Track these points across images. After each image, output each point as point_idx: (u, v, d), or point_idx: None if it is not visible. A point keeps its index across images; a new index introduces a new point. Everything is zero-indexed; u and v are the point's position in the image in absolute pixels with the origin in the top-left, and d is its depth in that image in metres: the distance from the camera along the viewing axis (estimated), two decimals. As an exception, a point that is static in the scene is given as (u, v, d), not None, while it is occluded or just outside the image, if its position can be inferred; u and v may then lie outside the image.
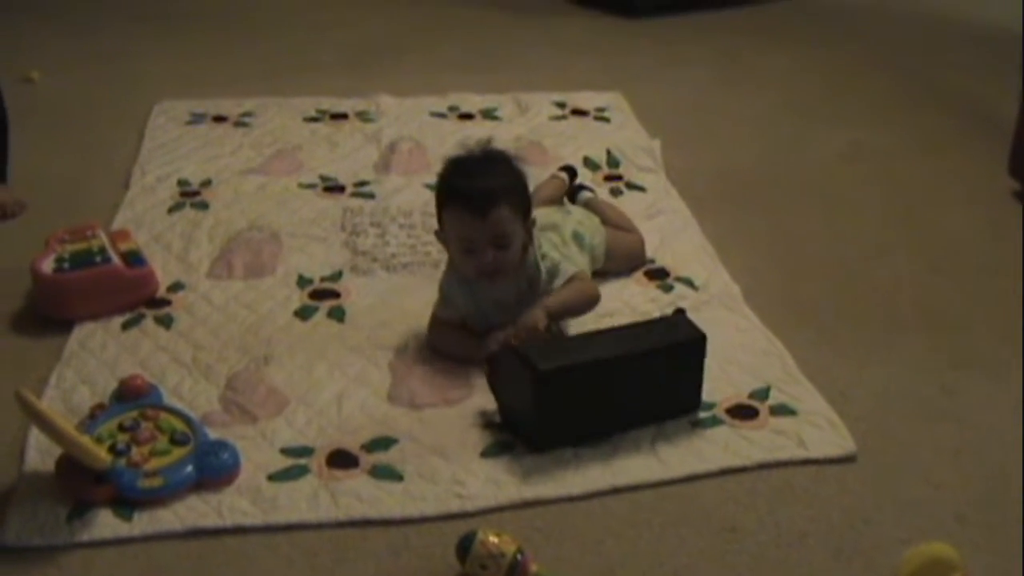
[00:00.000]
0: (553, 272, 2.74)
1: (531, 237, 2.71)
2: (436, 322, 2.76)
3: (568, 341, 2.61)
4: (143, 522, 2.16)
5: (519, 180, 2.70)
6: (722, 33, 5.54)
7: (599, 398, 2.40)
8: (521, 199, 2.68)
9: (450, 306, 2.74)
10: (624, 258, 3.07)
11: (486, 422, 2.48)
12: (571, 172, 3.38)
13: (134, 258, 2.92)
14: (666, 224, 3.37)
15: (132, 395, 2.41)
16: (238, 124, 4.10)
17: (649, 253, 3.15)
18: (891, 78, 4.89)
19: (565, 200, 3.27)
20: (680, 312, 2.70)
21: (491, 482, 2.29)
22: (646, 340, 2.46)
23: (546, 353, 2.37)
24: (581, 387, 2.37)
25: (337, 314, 2.88)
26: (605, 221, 3.07)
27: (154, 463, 2.23)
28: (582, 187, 3.33)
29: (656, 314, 2.87)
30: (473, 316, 2.74)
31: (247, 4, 5.84)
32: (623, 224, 3.16)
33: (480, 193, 2.59)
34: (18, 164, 3.54)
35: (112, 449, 2.24)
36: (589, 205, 3.18)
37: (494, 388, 2.49)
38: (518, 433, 2.42)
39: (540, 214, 2.84)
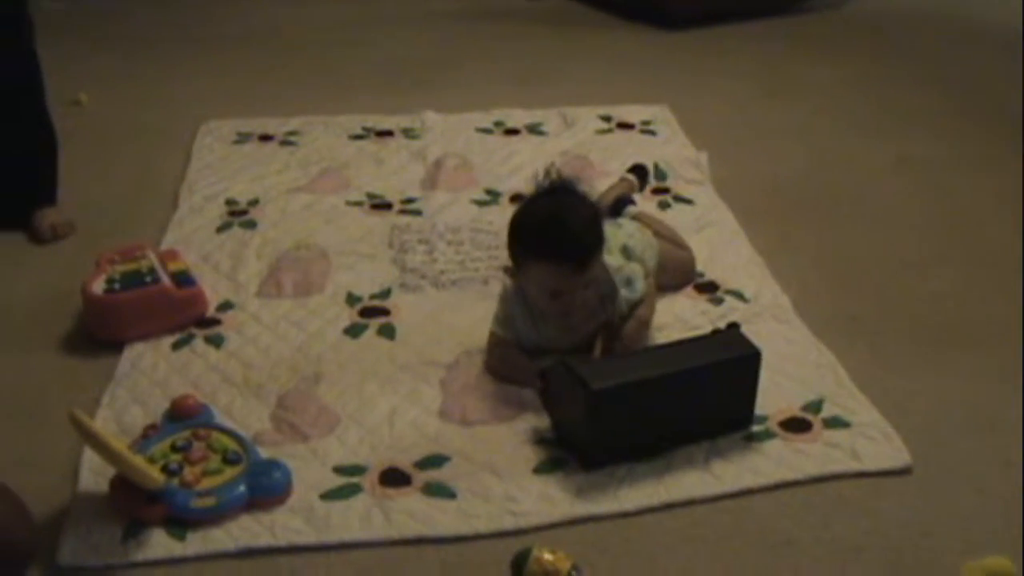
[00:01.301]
0: (627, 280, 2.74)
1: None
2: (496, 342, 2.75)
3: (620, 358, 2.58)
4: (196, 542, 2.16)
5: (598, 219, 2.65)
6: (764, 43, 5.53)
7: (651, 415, 2.39)
8: (601, 238, 2.65)
9: (511, 328, 2.73)
10: (675, 272, 3.05)
11: (538, 438, 2.47)
12: (640, 173, 3.37)
13: (183, 278, 2.93)
14: (715, 236, 3.36)
15: (184, 415, 2.42)
16: (284, 143, 4.10)
17: (699, 266, 3.14)
18: (937, 90, 4.86)
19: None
20: (734, 326, 2.68)
21: (544, 499, 2.28)
22: (700, 356, 2.44)
23: (599, 371, 2.35)
24: (634, 405, 2.35)
25: (387, 332, 2.88)
26: (656, 235, 3.04)
27: (207, 483, 2.24)
28: (628, 200, 3.29)
29: (707, 327, 2.86)
30: (532, 338, 2.73)
31: (290, 24, 5.86)
32: (675, 239, 3.13)
33: (576, 250, 2.56)
34: (68, 186, 3.56)
35: (165, 469, 2.24)
36: (637, 219, 3.15)
37: (547, 404, 2.48)
38: (570, 448, 2.41)
39: None
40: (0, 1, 3.19)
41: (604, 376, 2.33)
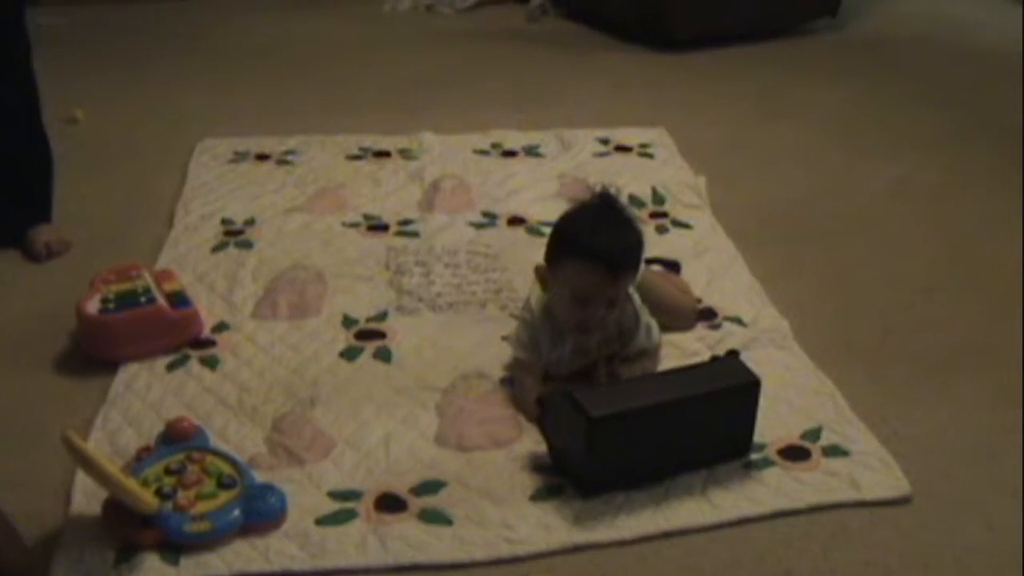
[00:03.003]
0: (648, 327, 2.75)
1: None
2: (519, 366, 2.74)
3: (620, 386, 2.56)
4: (190, 567, 2.14)
5: (642, 244, 2.66)
6: (763, 67, 5.52)
7: (650, 443, 2.37)
8: (638, 261, 2.67)
9: (535, 351, 2.71)
10: (669, 314, 2.95)
11: (536, 465, 2.45)
12: (674, 268, 3.28)
13: (179, 299, 2.91)
14: (713, 262, 3.35)
15: (178, 437, 2.40)
16: (281, 162, 4.09)
17: (697, 292, 3.12)
18: (938, 112, 4.86)
19: None
20: (734, 354, 2.66)
21: (541, 526, 2.26)
22: (699, 384, 2.42)
23: (598, 399, 2.33)
24: (633, 433, 2.33)
25: (383, 355, 2.86)
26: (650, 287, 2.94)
27: (201, 507, 2.21)
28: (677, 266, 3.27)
29: (705, 353, 2.84)
30: (551, 359, 2.72)
31: (288, 42, 5.85)
32: (683, 287, 3.11)
33: (615, 255, 2.56)
34: (62, 203, 3.55)
35: (159, 492, 2.22)
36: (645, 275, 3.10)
37: (544, 430, 2.46)
38: (568, 476, 2.39)
39: None
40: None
41: (603, 404, 2.30)
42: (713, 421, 2.44)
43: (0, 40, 3.20)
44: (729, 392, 2.45)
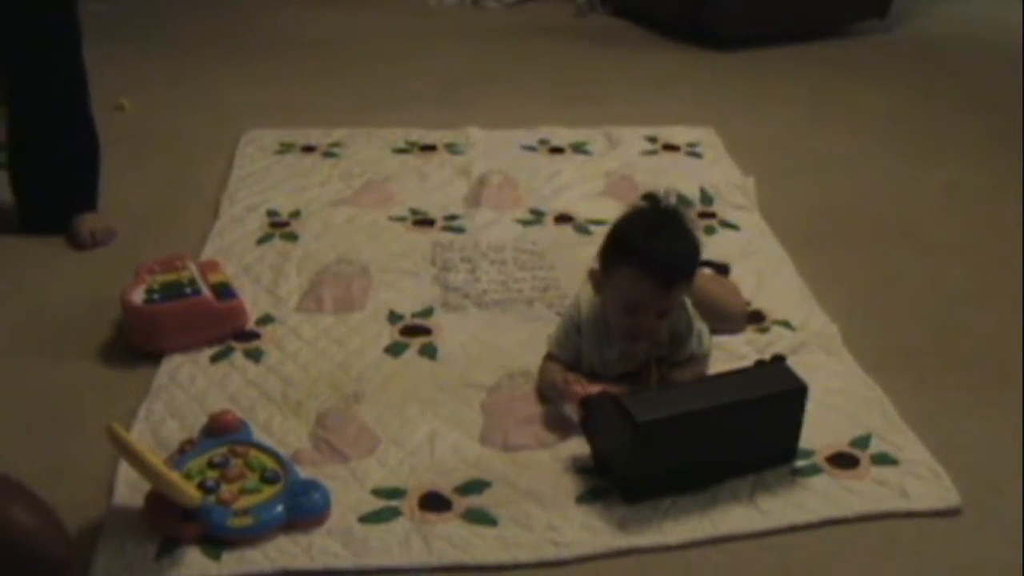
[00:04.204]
0: (699, 334, 2.71)
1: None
2: (547, 359, 2.72)
3: (665, 391, 2.51)
4: (232, 562, 2.13)
5: (698, 254, 2.62)
6: (812, 67, 5.48)
7: (696, 449, 2.34)
8: (693, 273, 2.62)
9: (568, 350, 2.69)
10: (719, 317, 2.92)
11: (581, 466, 2.42)
12: (723, 271, 3.22)
13: (224, 290, 2.90)
14: (761, 264, 3.32)
15: (222, 430, 2.39)
16: (327, 154, 4.08)
17: (745, 294, 3.09)
18: (988, 117, 4.81)
19: None
20: (780, 359, 2.62)
21: (587, 529, 2.24)
22: (746, 390, 2.39)
23: (644, 403, 2.30)
24: (678, 438, 2.30)
25: (429, 352, 2.85)
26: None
27: (244, 501, 2.20)
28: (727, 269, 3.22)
29: (752, 357, 2.82)
30: (594, 360, 2.69)
31: (334, 34, 5.84)
32: (727, 288, 3.07)
33: (669, 267, 2.52)
34: (108, 192, 3.54)
35: (201, 486, 2.21)
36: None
37: (588, 434, 2.44)
38: (611, 480, 2.37)
39: None
40: (52, 7, 3.19)
41: (649, 409, 2.27)
42: (759, 427, 2.41)
43: (51, 28, 3.21)
44: (776, 398, 2.42)
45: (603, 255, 2.62)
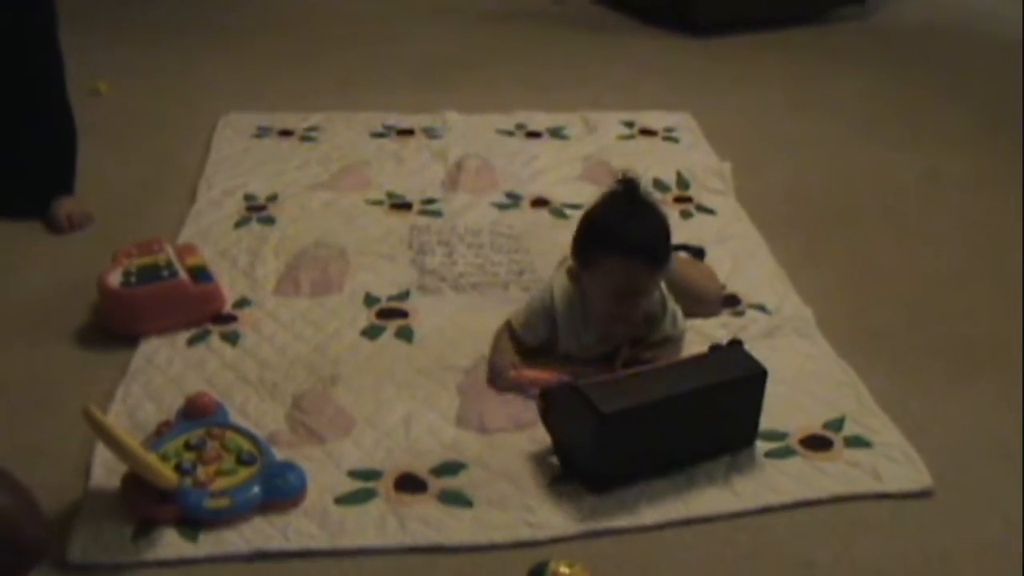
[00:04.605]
0: (674, 315, 2.74)
1: None
2: (505, 332, 2.76)
3: (625, 380, 2.45)
4: (209, 543, 2.14)
5: (669, 228, 2.65)
6: (790, 53, 5.49)
7: (659, 437, 2.34)
8: (671, 247, 2.67)
9: (529, 333, 2.73)
10: (695, 300, 2.93)
11: (556, 449, 2.44)
12: (698, 254, 3.23)
13: (201, 273, 2.90)
14: (737, 248, 3.33)
15: (199, 413, 2.39)
16: (304, 138, 4.08)
17: (721, 278, 3.10)
18: (964, 103, 4.82)
19: None
20: (737, 343, 2.60)
21: (562, 511, 2.25)
22: (707, 376, 2.39)
23: (606, 393, 2.28)
24: (642, 427, 2.30)
25: (405, 334, 2.85)
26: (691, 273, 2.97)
27: (221, 483, 2.21)
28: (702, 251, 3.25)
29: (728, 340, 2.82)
30: (571, 346, 2.72)
31: (312, 18, 5.83)
32: (702, 272, 3.08)
33: (655, 249, 2.58)
34: (85, 176, 3.54)
35: (178, 468, 2.22)
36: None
37: (549, 427, 2.43)
38: (575, 472, 2.36)
39: None
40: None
41: (612, 399, 2.26)
42: (721, 413, 2.42)
43: (26, 10, 3.20)
44: (738, 383, 2.42)
45: (582, 248, 2.63)
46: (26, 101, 3.32)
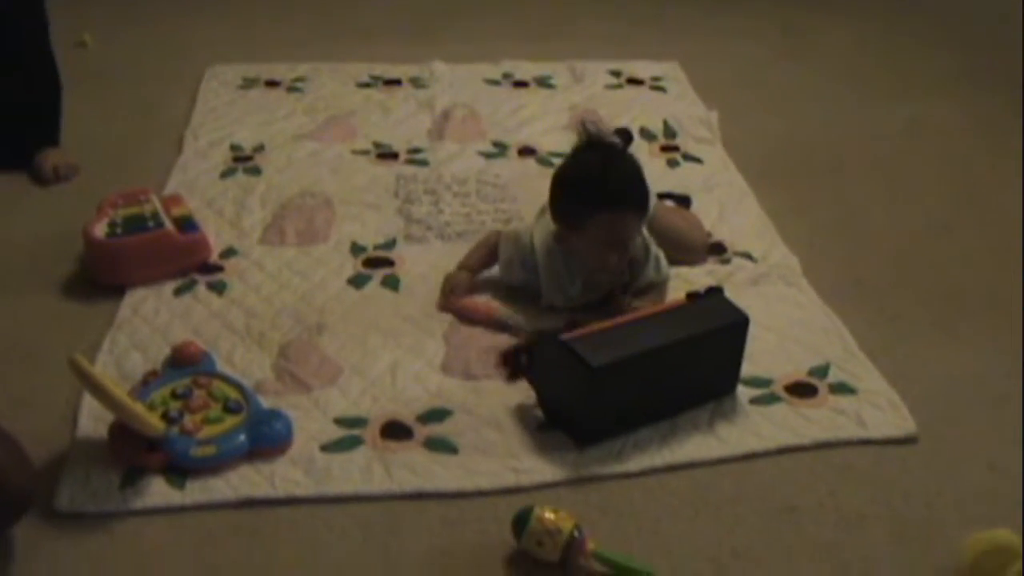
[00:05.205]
0: (656, 258, 2.76)
1: None
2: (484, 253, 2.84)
3: (610, 331, 2.41)
4: (195, 491, 2.15)
5: (642, 168, 2.68)
6: (778, 4, 5.44)
7: (645, 388, 2.34)
8: (648, 186, 2.71)
9: (509, 273, 2.79)
10: (680, 248, 2.94)
11: (542, 395, 2.45)
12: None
13: (187, 223, 2.90)
14: (724, 196, 3.33)
15: (185, 362, 2.41)
16: (291, 89, 4.07)
17: (707, 226, 3.10)
18: (953, 54, 4.80)
19: None
20: (716, 290, 2.59)
21: (547, 457, 2.27)
22: (692, 325, 2.39)
23: (594, 346, 2.27)
24: (630, 379, 2.30)
25: (391, 283, 2.86)
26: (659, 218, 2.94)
27: (207, 431, 2.23)
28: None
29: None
30: (557, 299, 2.74)
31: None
32: (688, 220, 3.09)
33: (639, 196, 2.62)
34: (71, 128, 3.53)
35: (165, 416, 2.23)
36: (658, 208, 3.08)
37: (531, 381, 2.43)
38: (562, 425, 2.36)
39: None
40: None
41: (600, 352, 2.26)
42: (705, 361, 2.42)
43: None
44: (722, 331, 2.43)
45: (566, 211, 2.65)
46: (10, 53, 3.31)
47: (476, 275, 2.81)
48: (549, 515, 2.00)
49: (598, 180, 2.57)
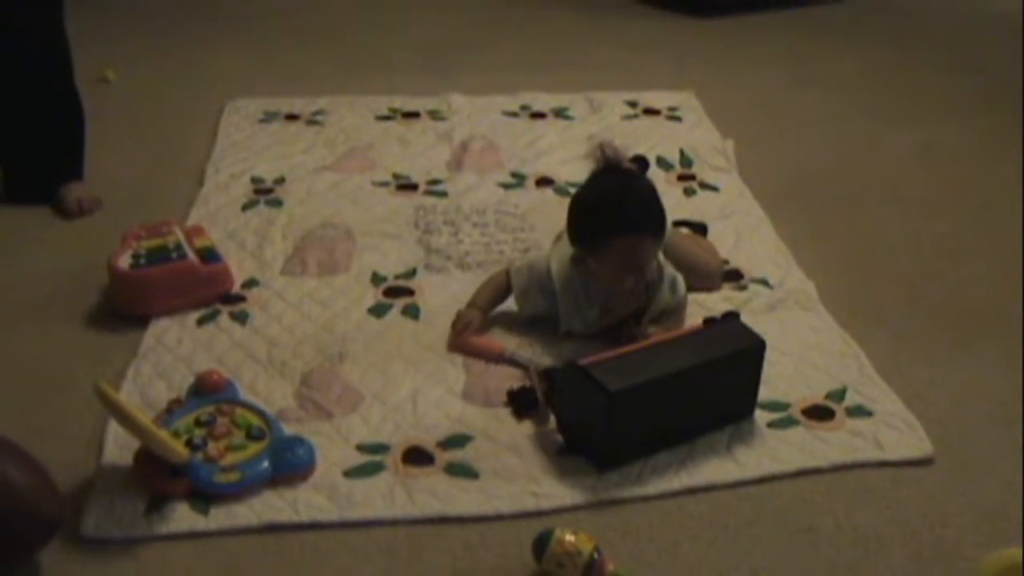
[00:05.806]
0: (673, 281, 2.77)
1: None
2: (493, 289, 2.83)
3: (628, 356, 2.43)
4: (219, 516, 2.17)
5: (656, 190, 2.71)
6: (791, 33, 5.50)
7: (664, 413, 2.36)
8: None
9: (530, 303, 2.79)
10: (696, 275, 2.95)
11: (561, 421, 2.46)
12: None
13: (209, 254, 2.93)
14: (740, 224, 3.36)
15: (209, 390, 2.43)
16: (311, 122, 4.11)
17: (724, 254, 3.13)
18: (965, 78, 4.84)
19: None
20: (733, 315, 2.62)
21: (566, 481, 2.28)
22: (709, 350, 2.41)
23: (611, 371, 2.29)
24: (648, 403, 2.32)
25: (412, 312, 2.88)
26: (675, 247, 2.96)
27: (231, 458, 2.25)
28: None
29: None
30: (575, 325, 2.76)
31: (317, 3, 5.85)
32: (710, 249, 3.11)
33: (657, 220, 2.63)
34: (94, 162, 3.57)
35: (189, 443, 2.25)
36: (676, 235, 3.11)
37: (553, 406, 2.46)
38: (582, 450, 2.38)
39: None
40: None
41: (618, 377, 2.27)
42: (723, 386, 2.44)
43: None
44: (738, 356, 2.45)
45: (585, 236, 2.66)
46: (35, 89, 3.34)
47: (487, 314, 2.82)
48: (569, 537, 2.02)
49: (616, 204, 2.59)
